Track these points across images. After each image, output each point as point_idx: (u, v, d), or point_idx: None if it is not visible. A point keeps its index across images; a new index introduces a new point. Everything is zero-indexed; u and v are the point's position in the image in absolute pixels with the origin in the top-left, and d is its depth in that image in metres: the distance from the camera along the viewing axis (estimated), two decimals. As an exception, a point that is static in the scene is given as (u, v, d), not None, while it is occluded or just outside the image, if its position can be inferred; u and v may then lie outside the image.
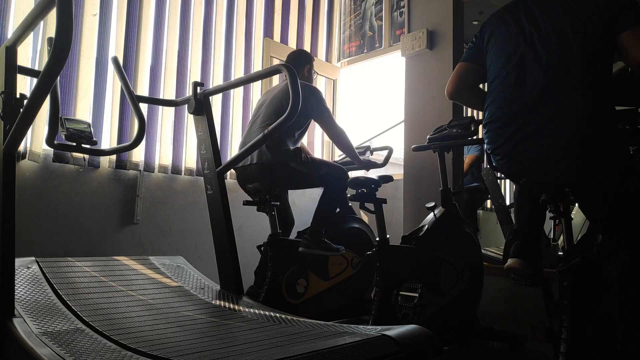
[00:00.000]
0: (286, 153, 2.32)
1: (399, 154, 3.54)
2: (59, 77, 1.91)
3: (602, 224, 1.61)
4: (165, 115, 2.91)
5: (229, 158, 2.73)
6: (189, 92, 2.92)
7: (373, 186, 2.17)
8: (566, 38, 1.50)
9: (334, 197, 2.45)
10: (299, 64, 2.60)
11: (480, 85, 1.92)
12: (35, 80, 1.42)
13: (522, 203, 1.66)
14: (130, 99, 2.07)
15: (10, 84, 1.43)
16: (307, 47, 3.76)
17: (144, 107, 2.64)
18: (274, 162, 2.29)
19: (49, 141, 1.86)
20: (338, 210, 2.82)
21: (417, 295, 1.93)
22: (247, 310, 1.69)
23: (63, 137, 1.83)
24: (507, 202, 3.73)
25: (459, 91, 1.85)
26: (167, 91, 2.92)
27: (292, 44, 3.64)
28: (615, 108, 1.49)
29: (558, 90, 1.48)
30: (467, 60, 1.83)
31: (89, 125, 1.88)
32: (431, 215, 2.21)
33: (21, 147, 2.34)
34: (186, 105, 2.08)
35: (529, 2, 1.64)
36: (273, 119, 2.30)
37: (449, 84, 1.86)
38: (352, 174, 3.24)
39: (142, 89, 2.80)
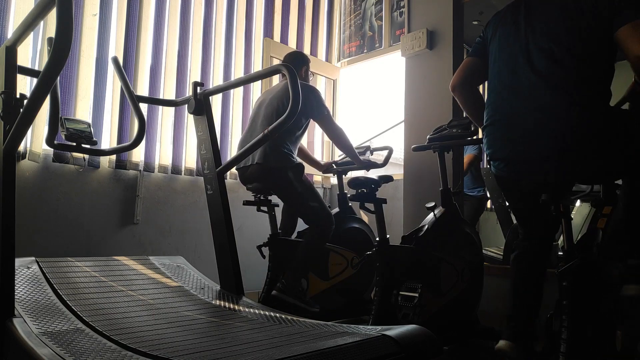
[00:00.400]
0: (288, 160, 2.32)
1: (399, 154, 3.54)
2: (59, 77, 1.91)
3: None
4: (165, 115, 2.91)
5: (229, 158, 2.73)
6: (189, 92, 2.92)
7: (373, 186, 2.16)
8: (564, 39, 1.50)
9: (316, 244, 2.40)
10: (297, 65, 2.59)
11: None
12: (35, 80, 1.42)
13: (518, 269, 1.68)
14: (130, 99, 2.07)
15: (10, 84, 1.43)
16: (307, 47, 3.77)
17: (144, 107, 2.64)
18: (275, 165, 2.29)
19: (49, 141, 1.86)
20: (338, 210, 2.82)
21: (417, 295, 1.93)
22: (247, 310, 1.69)
23: (63, 137, 1.83)
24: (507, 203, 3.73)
25: (462, 84, 1.83)
26: (167, 91, 2.92)
27: (292, 44, 3.64)
28: (611, 107, 1.49)
29: (556, 92, 1.48)
30: (474, 55, 1.83)
31: (89, 125, 1.88)
32: (431, 215, 2.21)
33: (21, 147, 2.34)
34: (186, 105, 2.08)
35: (530, 2, 1.64)
36: (273, 119, 2.30)
37: (454, 77, 1.85)
38: (352, 174, 3.25)
39: (142, 89, 2.80)
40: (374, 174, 2.71)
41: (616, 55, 1.50)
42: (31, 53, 2.40)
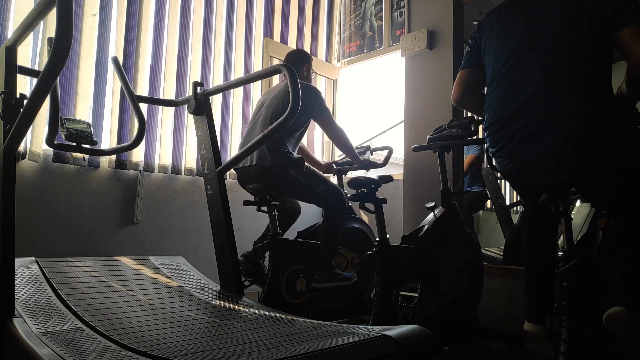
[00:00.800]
0: (287, 158, 2.32)
1: (399, 154, 3.55)
2: (59, 77, 1.91)
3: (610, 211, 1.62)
4: (165, 115, 2.91)
5: (229, 158, 2.73)
6: (189, 92, 2.92)
7: (373, 186, 2.16)
8: (564, 38, 1.50)
9: (334, 223, 2.42)
10: (298, 64, 2.60)
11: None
12: (35, 80, 1.42)
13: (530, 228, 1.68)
14: (130, 99, 2.07)
15: (10, 84, 1.43)
16: (307, 47, 3.77)
17: (144, 107, 2.64)
18: (274, 165, 2.29)
19: (49, 141, 1.86)
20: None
21: (417, 295, 1.93)
22: (247, 310, 1.69)
23: (63, 137, 1.83)
24: (507, 202, 3.74)
25: (463, 97, 1.85)
26: (167, 91, 2.92)
27: (292, 44, 3.64)
28: (614, 108, 1.49)
29: (556, 91, 1.48)
30: (467, 67, 1.82)
31: (89, 125, 1.88)
32: (431, 215, 2.21)
33: (21, 147, 2.34)
34: (186, 105, 2.08)
35: (530, 1, 1.63)
36: (273, 119, 2.30)
37: (453, 91, 1.86)
38: (352, 174, 3.25)
39: (142, 89, 2.80)
40: (374, 174, 2.71)
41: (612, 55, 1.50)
42: (31, 53, 2.40)
